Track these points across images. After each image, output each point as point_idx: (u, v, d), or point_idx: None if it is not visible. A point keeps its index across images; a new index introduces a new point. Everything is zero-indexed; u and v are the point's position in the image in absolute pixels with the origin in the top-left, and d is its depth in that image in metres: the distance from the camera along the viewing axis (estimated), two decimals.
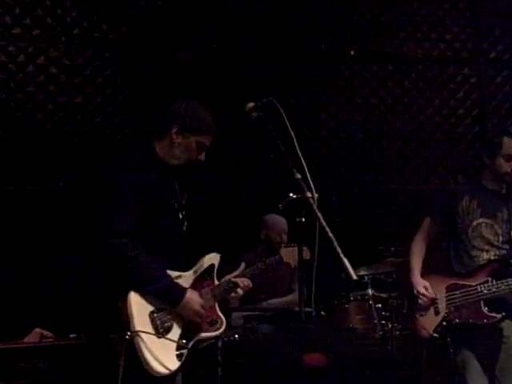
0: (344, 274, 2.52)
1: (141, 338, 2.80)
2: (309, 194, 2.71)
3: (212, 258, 3.22)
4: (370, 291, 4.85)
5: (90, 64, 5.57)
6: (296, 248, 3.20)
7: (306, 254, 3.39)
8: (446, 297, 4.16)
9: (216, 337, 3.07)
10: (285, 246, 3.58)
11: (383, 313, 4.76)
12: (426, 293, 4.16)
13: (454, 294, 4.13)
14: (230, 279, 3.21)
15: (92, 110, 5.58)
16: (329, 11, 5.91)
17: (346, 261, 2.51)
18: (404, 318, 4.56)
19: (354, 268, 2.55)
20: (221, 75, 5.56)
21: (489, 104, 6.20)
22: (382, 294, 4.87)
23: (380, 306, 4.80)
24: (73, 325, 4.50)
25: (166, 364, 2.84)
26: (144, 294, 2.91)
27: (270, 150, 5.55)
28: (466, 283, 4.11)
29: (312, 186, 2.76)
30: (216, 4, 5.71)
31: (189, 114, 3.14)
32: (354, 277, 2.49)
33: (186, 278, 3.06)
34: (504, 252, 4.14)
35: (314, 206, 2.66)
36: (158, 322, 2.90)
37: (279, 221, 5.18)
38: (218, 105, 5.66)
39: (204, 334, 3.03)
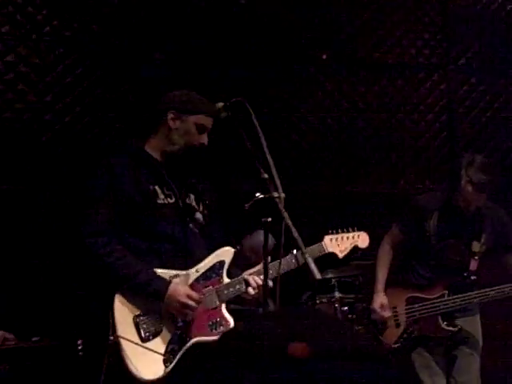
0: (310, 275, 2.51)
1: (121, 344, 2.58)
2: (275, 194, 2.72)
3: (222, 254, 2.88)
4: (336, 294, 4.87)
5: (60, 63, 5.52)
6: None
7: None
8: (406, 309, 4.18)
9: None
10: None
11: (349, 316, 4.78)
12: (379, 312, 4.19)
13: (413, 308, 4.16)
14: (241, 277, 2.83)
15: (61, 109, 5.52)
16: (301, 14, 5.93)
17: (310, 260, 2.51)
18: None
19: (321, 271, 2.55)
20: (192, 76, 5.52)
21: (457, 110, 6.27)
22: (348, 297, 4.90)
23: (346, 308, 4.82)
24: (36, 328, 4.42)
25: (151, 370, 2.59)
26: (130, 296, 2.71)
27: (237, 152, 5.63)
28: (424, 296, 4.13)
29: (279, 186, 2.76)
30: (189, 4, 5.69)
31: (183, 98, 3.10)
32: (318, 276, 2.48)
33: (184, 278, 2.76)
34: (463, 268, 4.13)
35: (280, 206, 2.67)
36: (144, 327, 2.67)
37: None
38: None
39: (199, 339, 2.67)
